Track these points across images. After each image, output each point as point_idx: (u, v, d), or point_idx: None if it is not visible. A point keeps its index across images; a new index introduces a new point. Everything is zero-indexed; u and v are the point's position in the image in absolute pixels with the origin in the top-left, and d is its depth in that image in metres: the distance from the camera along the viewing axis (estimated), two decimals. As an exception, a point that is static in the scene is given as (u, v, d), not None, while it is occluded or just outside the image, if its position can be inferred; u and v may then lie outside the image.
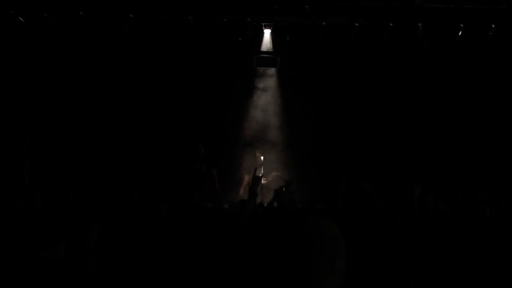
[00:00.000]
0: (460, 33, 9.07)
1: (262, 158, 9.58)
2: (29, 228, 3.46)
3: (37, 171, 9.79)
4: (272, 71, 10.25)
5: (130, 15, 8.80)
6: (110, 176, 9.46)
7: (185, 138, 10.10)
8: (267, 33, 9.65)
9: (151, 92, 10.08)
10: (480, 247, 4.39)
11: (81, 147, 9.96)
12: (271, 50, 9.69)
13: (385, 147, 10.05)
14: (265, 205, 5.81)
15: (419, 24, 8.94)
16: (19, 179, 9.57)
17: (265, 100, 10.25)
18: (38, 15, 8.74)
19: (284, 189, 5.60)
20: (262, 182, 8.97)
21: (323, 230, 2.00)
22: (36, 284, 2.99)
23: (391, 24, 8.95)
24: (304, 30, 9.24)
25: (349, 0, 8.82)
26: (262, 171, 9.32)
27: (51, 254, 3.02)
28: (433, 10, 8.85)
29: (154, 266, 3.98)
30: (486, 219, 5.67)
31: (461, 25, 8.96)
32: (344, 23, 9.03)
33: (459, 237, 4.33)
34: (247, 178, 9.66)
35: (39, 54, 9.80)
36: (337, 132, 10.25)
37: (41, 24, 8.86)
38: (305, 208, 7.25)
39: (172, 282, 3.81)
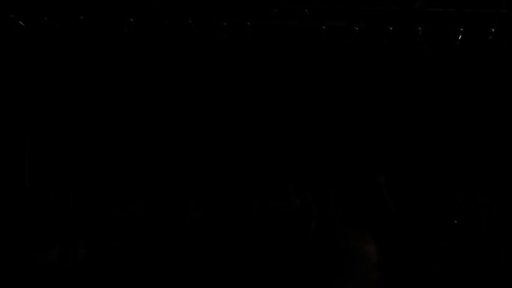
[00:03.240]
0: (460, 37, 9.07)
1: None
2: (28, 230, 3.47)
3: (37, 174, 9.80)
4: (271, 74, 10.25)
5: (131, 19, 8.83)
6: (111, 180, 9.47)
7: (186, 142, 10.11)
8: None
9: (151, 95, 10.09)
10: (480, 251, 4.37)
11: (81, 151, 9.97)
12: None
13: (386, 151, 10.04)
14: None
15: (419, 28, 8.94)
16: (19, 182, 9.59)
17: (265, 103, 10.24)
18: (39, 19, 8.77)
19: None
20: None
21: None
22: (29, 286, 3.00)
23: (391, 28, 8.96)
24: (304, 34, 9.25)
25: (349, 4, 8.84)
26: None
27: (43, 256, 3.01)
28: (432, 14, 8.86)
29: (153, 268, 3.98)
30: (486, 223, 5.67)
31: (461, 29, 8.96)
32: (344, 27, 9.04)
33: (458, 242, 4.33)
34: None
35: (40, 57, 9.83)
36: (337, 134, 10.24)
37: (42, 28, 8.89)
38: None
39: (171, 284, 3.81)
